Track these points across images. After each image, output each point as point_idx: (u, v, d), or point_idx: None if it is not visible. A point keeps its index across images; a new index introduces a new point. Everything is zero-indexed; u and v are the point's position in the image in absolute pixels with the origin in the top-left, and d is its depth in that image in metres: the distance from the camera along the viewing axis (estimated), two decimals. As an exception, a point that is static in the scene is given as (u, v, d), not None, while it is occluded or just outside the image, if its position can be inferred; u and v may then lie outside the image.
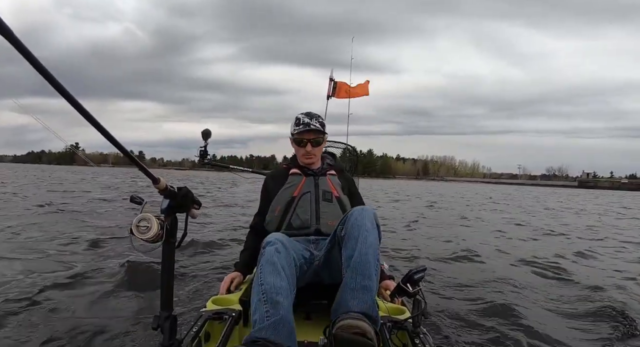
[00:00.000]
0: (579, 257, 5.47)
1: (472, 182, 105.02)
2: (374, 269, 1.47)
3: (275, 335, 1.28)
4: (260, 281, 1.40)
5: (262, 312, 1.33)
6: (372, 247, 1.50)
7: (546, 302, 3.30)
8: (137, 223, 1.15)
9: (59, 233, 5.43)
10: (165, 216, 1.21)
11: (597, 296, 3.40)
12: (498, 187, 57.28)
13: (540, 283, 3.92)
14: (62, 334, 2.28)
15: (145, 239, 1.16)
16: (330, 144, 3.16)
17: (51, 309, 2.62)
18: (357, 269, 1.45)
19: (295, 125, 1.97)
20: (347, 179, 2.13)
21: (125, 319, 2.54)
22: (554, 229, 8.73)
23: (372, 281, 1.44)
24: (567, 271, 4.42)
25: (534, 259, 5.02)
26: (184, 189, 1.23)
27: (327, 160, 2.19)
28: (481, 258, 4.95)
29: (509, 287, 3.63)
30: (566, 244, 6.54)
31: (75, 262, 3.85)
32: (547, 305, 3.22)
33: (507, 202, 20.29)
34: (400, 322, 1.54)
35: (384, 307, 1.64)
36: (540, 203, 20.69)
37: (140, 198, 1.22)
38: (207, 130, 2.81)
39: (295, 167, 2.05)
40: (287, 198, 1.93)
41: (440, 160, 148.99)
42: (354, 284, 1.42)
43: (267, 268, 1.42)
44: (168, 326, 1.26)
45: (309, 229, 1.86)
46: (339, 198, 1.97)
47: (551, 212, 14.44)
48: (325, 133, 2.01)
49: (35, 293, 2.85)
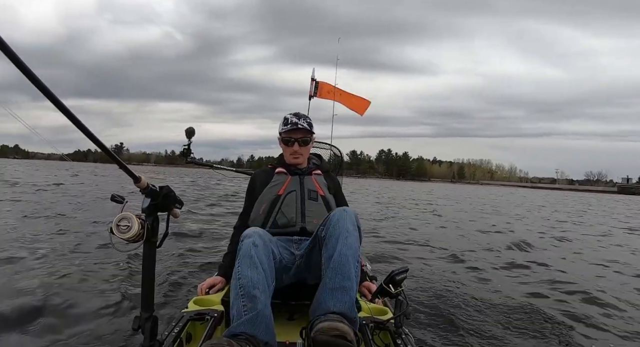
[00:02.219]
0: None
1: (509, 186, 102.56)
2: (354, 269, 1.46)
3: (253, 330, 1.28)
4: (238, 275, 1.41)
5: (239, 306, 1.34)
6: (352, 248, 1.49)
7: (526, 298, 3.36)
8: (117, 222, 1.14)
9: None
10: (147, 215, 1.20)
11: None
12: (542, 193, 53.35)
13: (519, 283, 3.99)
14: (38, 335, 2.22)
15: (126, 238, 1.15)
16: (315, 144, 3.16)
17: (25, 310, 2.56)
18: (336, 269, 1.44)
19: (283, 125, 1.99)
20: (333, 179, 2.15)
21: (104, 320, 2.49)
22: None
23: (352, 281, 1.44)
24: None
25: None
26: (165, 188, 1.22)
27: (314, 160, 2.21)
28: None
29: (490, 287, 3.69)
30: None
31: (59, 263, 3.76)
32: (530, 302, 3.28)
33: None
34: (383, 323, 1.55)
35: (366, 308, 1.65)
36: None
37: (121, 197, 1.21)
38: (191, 128, 2.79)
39: (281, 167, 2.06)
40: (273, 196, 1.93)
41: (477, 164, 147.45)
42: (332, 284, 1.42)
43: (244, 262, 1.43)
44: (149, 327, 1.25)
45: (294, 227, 1.86)
46: (325, 197, 1.98)
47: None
48: (312, 133, 2.02)
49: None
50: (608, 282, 4.31)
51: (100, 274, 3.39)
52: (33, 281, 3.08)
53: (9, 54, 0.69)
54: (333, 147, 3.30)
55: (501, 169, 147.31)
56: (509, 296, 3.49)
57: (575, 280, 4.18)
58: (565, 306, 3.30)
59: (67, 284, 3.08)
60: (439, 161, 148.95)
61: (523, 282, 4.07)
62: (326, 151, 3.25)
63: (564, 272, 4.57)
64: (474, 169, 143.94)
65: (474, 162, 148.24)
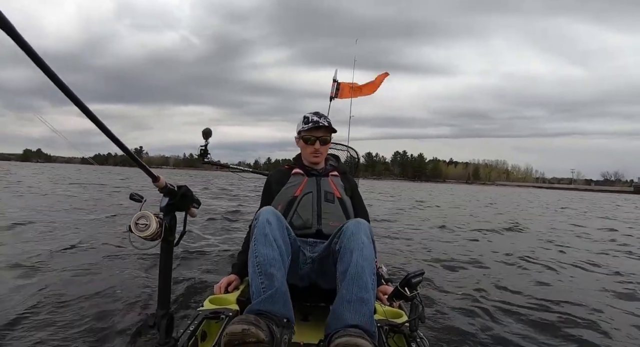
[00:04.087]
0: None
1: (524, 186, 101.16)
2: (371, 282, 1.42)
3: (272, 306, 1.36)
4: (254, 253, 1.46)
5: (257, 284, 1.41)
6: (368, 260, 1.46)
7: (543, 304, 3.29)
8: (136, 220, 1.16)
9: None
10: (164, 214, 1.22)
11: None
12: (555, 193, 52.64)
13: (537, 287, 3.91)
14: (57, 331, 2.27)
15: (144, 236, 1.16)
16: (332, 146, 3.16)
17: (47, 305, 2.62)
18: (353, 281, 1.40)
19: (304, 123, 1.99)
20: (350, 181, 2.13)
21: (121, 316, 2.53)
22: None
23: (369, 293, 1.39)
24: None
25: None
26: (183, 188, 1.24)
27: (331, 162, 2.20)
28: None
29: (506, 293, 3.62)
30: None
31: (72, 259, 3.85)
32: (551, 307, 3.21)
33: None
34: (397, 326, 1.54)
35: (381, 311, 1.63)
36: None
37: (140, 196, 1.23)
38: (207, 129, 2.82)
39: (298, 167, 2.06)
40: (289, 197, 1.92)
41: (492, 164, 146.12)
42: (350, 296, 1.37)
43: (259, 240, 1.47)
44: (165, 324, 1.26)
45: (311, 229, 1.85)
46: (341, 199, 1.96)
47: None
48: (333, 131, 2.02)
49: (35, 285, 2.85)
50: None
51: (118, 271, 3.46)
52: (49, 274, 3.16)
53: (38, 62, 0.71)
54: (350, 149, 3.30)
55: (517, 170, 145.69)
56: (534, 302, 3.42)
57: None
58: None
59: (85, 280, 3.16)
60: (454, 162, 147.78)
61: (544, 285, 3.98)
62: (343, 152, 3.24)
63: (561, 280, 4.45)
64: (489, 170, 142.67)
65: (490, 163, 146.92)
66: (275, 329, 1.28)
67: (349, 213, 1.95)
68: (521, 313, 3.07)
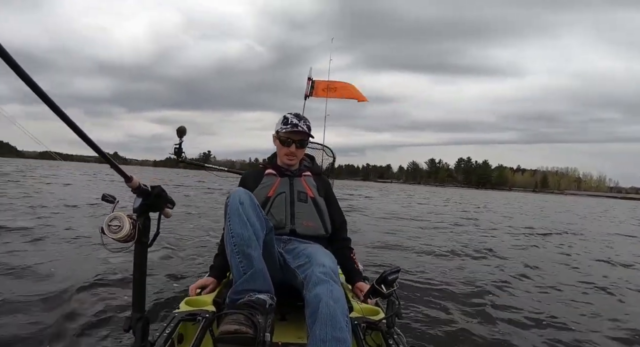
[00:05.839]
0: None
1: (596, 196, 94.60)
2: (344, 322, 1.31)
3: (254, 285, 1.46)
4: (230, 232, 1.50)
5: (237, 263, 1.47)
6: (340, 301, 1.36)
7: (517, 297, 3.39)
8: (108, 222, 1.13)
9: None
10: (138, 215, 1.19)
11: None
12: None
13: (517, 283, 4.03)
14: (27, 335, 2.19)
15: (117, 238, 1.14)
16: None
17: (12, 308, 2.53)
18: (325, 321, 1.29)
19: (282, 124, 1.98)
20: (324, 181, 2.14)
21: (95, 320, 2.47)
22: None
23: (344, 333, 1.28)
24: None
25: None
26: (157, 188, 1.22)
27: (305, 162, 2.20)
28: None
29: (485, 287, 3.72)
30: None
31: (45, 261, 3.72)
32: (523, 301, 3.31)
33: None
34: (374, 323, 1.55)
35: (358, 308, 1.65)
36: None
37: (112, 197, 1.20)
38: (182, 127, 2.77)
39: (271, 168, 2.06)
40: (262, 198, 1.91)
41: (562, 172, 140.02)
42: (324, 336, 1.26)
43: (234, 220, 1.50)
44: (140, 327, 1.24)
45: (284, 229, 1.86)
46: (314, 199, 1.97)
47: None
48: (310, 136, 2.02)
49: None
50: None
51: (90, 275, 3.36)
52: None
53: (7, 60, 0.69)
54: (325, 148, 3.31)
55: (589, 178, 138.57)
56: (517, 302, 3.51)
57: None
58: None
59: (54, 281, 3.06)
60: (521, 169, 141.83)
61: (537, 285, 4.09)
62: (318, 152, 3.24)
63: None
64: (558, 178, 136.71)
65: (560, 171, 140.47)
66: (260, 319, 1.35)
67: (322, 213, 1.96)
68: (508, 312, 3.16)
